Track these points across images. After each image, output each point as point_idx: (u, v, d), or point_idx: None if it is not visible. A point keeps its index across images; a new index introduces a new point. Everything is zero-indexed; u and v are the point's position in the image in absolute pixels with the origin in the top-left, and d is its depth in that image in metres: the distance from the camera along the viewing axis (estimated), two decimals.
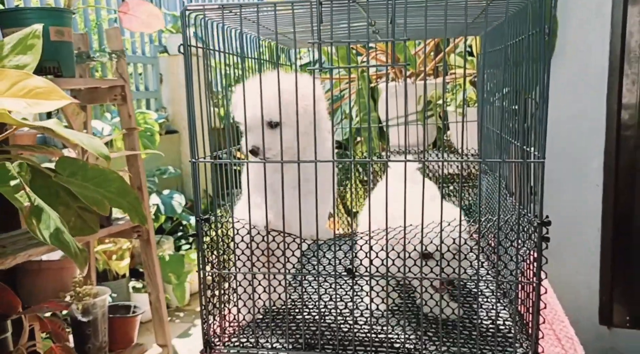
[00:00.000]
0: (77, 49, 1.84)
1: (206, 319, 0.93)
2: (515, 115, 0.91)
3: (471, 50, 2.48)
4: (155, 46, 4.02)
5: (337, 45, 1.39)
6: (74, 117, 1.72)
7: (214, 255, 0.94)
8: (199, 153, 0.93)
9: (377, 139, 2.33)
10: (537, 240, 0.79)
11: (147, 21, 1.82)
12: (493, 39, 1.20)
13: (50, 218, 1.16)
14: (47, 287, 1.79)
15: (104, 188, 1.32)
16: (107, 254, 2.97)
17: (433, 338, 0.93)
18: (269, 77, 0.90)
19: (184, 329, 3.03)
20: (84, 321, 1.71)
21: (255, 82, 0.93)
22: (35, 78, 1.16)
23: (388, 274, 0.87)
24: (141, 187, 1.92)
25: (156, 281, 1.97)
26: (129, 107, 1.87)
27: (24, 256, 1.43)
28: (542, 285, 0.80)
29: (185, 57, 0.88)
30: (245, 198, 0.93)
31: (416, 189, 0.84)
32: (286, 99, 0.89)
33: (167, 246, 3.35)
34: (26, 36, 1.32)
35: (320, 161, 0.87)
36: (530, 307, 0.83)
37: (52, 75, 1.62)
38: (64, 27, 1.61)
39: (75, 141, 1.17)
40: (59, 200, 1.32)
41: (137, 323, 2.01)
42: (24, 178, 1.16)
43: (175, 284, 3.17)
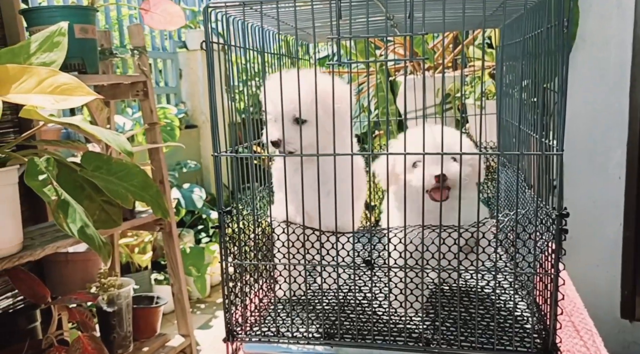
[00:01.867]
0: (100, 46, 1.87)
1: (228, 309, 0.96)
2: (535, 108, 0.91)
3: (490, 42, 2.46)
4: (174, 41, 4.06)
5: (355, 40, 1.40)
6: (97, 113, 1.76)
7: (235, 247, 0.96)
8: (220, 147, 0.95)
9: (396, 132, 2.33)
10: (556, 232, 0.80)
11: (168, 19, 1.85)
12: (512, 31, 1.20)
13: (76, 212, 1.18)
14: (74, 278, 1.84)
15: (127, 182, 1.35)
16: (130, 247, 3.03)
17: (451, 328, 0.94)
18: (303, 73, 0.92)
19: (205, 321, 3.07)
20: (109, 311, 1.76)
21: (289, 75, 0.95)
22: (61, 75, 1.18)
23: (406, 266, 0.88)
24: (163, 181, 1.96)
25: (178, 273, 2.01)
26: (150, 102, 1.90)
27: (52, 248, 1.47)
28: (560, 277, 0.81)
29: (207, 54, 0.90)
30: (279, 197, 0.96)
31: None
32: (317, 98, 0.90)
33: (187, 239, 3.40)
34: (52, 34, 1.35)
35: (339, 154, 0.89)
36: (548, 299, 0.84)
37: (76, 72, 1.65)
38: (88, 25, 1.64)
39: (101, 137, 1.19)
40: (84, 193, 1.35)
41: (160, 313, 2.05)
42: (51, 172, 1.20)
43: (196, 276, 3.22)
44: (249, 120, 0.98)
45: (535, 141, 0.93)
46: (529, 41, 1.03)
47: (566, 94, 0.77)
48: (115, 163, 1.36)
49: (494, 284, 0.86)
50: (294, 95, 0.92)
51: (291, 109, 0.96)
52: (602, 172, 2.15)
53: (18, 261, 1.36)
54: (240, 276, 0.96)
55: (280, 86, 0.91)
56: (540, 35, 0.91)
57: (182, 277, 2.01)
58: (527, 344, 0.87)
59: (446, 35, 2.40)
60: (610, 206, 2.16)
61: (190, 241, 3.43)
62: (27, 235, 1.53)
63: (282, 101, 0.91)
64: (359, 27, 1.12)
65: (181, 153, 3.72)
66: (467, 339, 0.90)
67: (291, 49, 1.29)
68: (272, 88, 0.97)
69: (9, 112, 1.75)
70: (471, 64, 2.40)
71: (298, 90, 0.90)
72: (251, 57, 1.02)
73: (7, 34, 1.77)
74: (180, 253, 2.03)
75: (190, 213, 3.60)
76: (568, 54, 0.78)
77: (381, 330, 0.94)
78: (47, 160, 1.22)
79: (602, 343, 1.00)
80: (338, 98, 0.91)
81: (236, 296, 0.97)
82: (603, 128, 2.11)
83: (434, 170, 0.92)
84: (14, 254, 1.37)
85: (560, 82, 0.77)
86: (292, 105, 0.94)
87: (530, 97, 0.97)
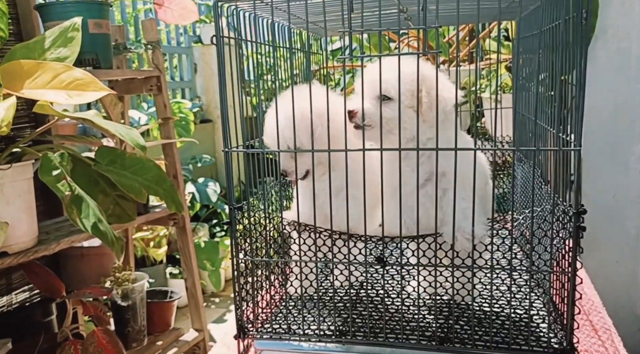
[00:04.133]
0: (114, 41, 1.88)
1: (239, 305, 0.95)
2: (552, 102, 0.89)
3: (507, 34, 2.42)
4: (189, 36, 4.07)
5: (368, 33, 1.37)
6: (111, 107, 1.77)
7: (246, 243, 0.95)
8: (231, 143, 0.94)
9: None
10: (573, 229, 0.78)
11: (181, 13, 1.85)
12: (529, 24, 1.17)
13: (90, 207, 1.19)
14: (88, 272, 1.85)
15: (141, 176, 1.35)
16: (145, 241, 3.05)
17: (465, 327, 0.93)
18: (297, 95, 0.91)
19: (219, 315, 3.09)
20: (124, 305, 1.77)
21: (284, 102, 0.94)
22: (75, 70, 1.19)
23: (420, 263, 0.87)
24: (177, 175, 1.96)
25: (192, 267, 2.01)
26: (164, 97, 1.91)
27: (67, 242, 1.48)
28: (578, 275, 0.79)
29: (217, 48, 0.89)
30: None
31: None
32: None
33: (202, 234, 3.42)
34: (66, 29, 1.36)
35: (350, 150, 0.88)
36: (565, 297, 0.82)
37: (90, 67, 1.66)
38: (102, 20, 1.64)
39: (114, 132, 1.19)
40: (98, 188, 1.35)
41: (174, 307, 2.06)
42: (65, 167, 1.20)
43: (210, 270, 3.23)
44: (260, 115, 0.97)
45: (553, 136, 0.90)
46: (546, 33, 1.00)
47: (584, 88, 0.74)
48: (129, 157, 1.36)
49: (509, 282, 0.84)
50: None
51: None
52: (622, 167, 2.10)
53: (33, 256, 1.37)
54: (251, 272, 0.96)
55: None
56: (557, 28, 0.89)
57: (195, 272, 2.02)
58: (544, 344, 0.86)
59: (462, 28, 2.37)
60: (631, 202, 2.11)
61: (205, 236, 3.45)
62: (42, 229, 1.55)
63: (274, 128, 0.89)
64: (371, 20, 1.11)
65: (196, 147, 3.73)
66: (481, 338, 0.89)
67: (304, 43, 1.28)
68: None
69: (25, 107, 1.77)
70: (487, 57, 2.36)
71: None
72: (265, 51, 1.01)
73: (22, 29, 1.78)
74: (194, 248, 2.04)
75: (205, 208, 3.62)
76: (587, 47, 0.76)
77: (394, 328, 0.93)
78: (61, 155, 1.23)
79: (621, 343, 0.97)
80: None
81: (247, 293, 0.96)
82: (624, 122, 2.06)
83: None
84: (29, 248, 1.38)
85: (578, 76, 0.75)
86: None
87: (547, 90, 0.94)
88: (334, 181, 0.90)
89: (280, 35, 1.11)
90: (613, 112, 2.06)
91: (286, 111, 0.92)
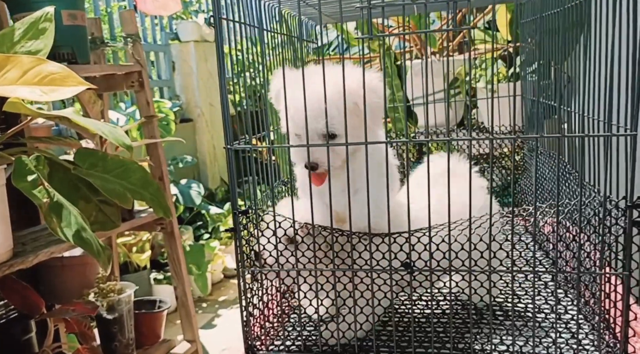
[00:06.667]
0: (91, 34, 1.75)
1: (247, 322, 0.85)
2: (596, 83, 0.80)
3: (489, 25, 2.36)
4: (166, 33, 3.93)
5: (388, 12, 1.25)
6: (90, 106, 1.64)
7: (253, 252, 0.85)
8: (231, 139, 0.84)
9: (403, 120, 2.23)
10: (628, 225, 0.69)
11: (163, 3, 1.73)
12: (546, 3, 1.09)
13: (71, 215, 1.09)
14: (70, 284, 1.72)
15: (125, 180, 1.26)
16: (127, 246, 2.93)
17: (503, 337, 0.84)
18: (321, 71, 0.78)
19: (208, 320, 2.99)
20: (110, 318, 1.65)
21: (309, 74, 0.80)
22: (49, 63, 1.08)
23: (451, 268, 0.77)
24: (162, 177, 1.84)
25: (182, 275, 1.90)
26: (147, 93, 1.78)
27: (46, 254, 1.36)
28: (633, 277, 0.70)
29: (215, 31, 0.78)
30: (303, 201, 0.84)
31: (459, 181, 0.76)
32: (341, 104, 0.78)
33: (186, 237, 3.31)
34: (37, 20, 1.24)
35: (368, 142, 0.78)
36: (616, 302, 0.73)
37: (66, 62, 1.53)
38: (77, 11, 1.52)
39: (95, 130, 1.09)
40: (79, 194, 1.25)
41: (164, 318, 1.94)
42: (41, 172, 1.10)
43: (196, 274, 3.14)
44: (266, 109, 0.87)
45: (588, 120, 0.82)
46: (569, 11, 0.92)
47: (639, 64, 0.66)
48: (112, 160, 1.25)
49: (551, 286, 0.75)
50: (321, 105, 0.78)
51: (319, 124, 0.80)
52: None
53: (8, 270, 1.25)
54: (260, 284, 0.85)
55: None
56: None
57: (186, 279, 1.90)
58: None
59: (451, 17, 2.30)
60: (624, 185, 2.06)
61: (190, 239, 3.34)
62: (18, 240, 1.42)
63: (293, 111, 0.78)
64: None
65: (177, 148, 3.62)
66: (521, 349, 0.79)
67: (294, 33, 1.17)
68: (291, 95, 0.82)
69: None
70: (475, 48, 2.30)
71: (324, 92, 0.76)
72: (266, 38, 0.90)
73: None
74: (183, 254, 1.92)
75: (189, 210, 3.51)
76: None
77: (422, 341, 0.83)
78: (37, 158, 1.12)
79: None
80: (372, 92, 0.77)
81: (255, 307, 0.86)
82: None
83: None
84: (4, 262, 1.26)
85: (633, 50, 0.66)
86: (320, 119, 0.79)
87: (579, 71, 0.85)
88: (352, 175, 0.79)
89: (273, 21, 1.00)
90: None
91: (315, 93, 0.79)
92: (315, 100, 0.79)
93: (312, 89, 0.78)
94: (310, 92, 0.78)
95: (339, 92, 0.78)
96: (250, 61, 0.92)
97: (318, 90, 0.77)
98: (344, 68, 0.76)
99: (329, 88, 0.76)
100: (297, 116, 0.81)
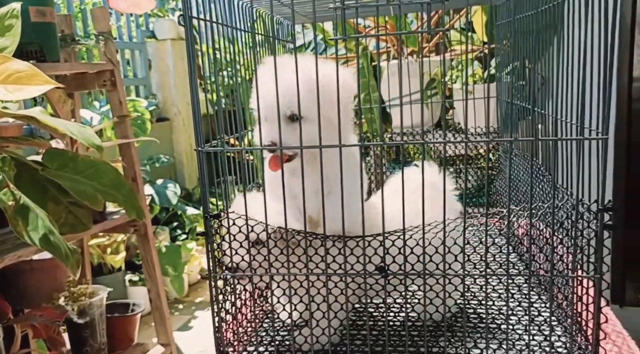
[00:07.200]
0: (61, 32, 1.70)
1: (219, 328, 0.83)
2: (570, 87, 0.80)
3: (469, 26, 2.37)
4: (142, 31, 3.87)
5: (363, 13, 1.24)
6: (60, 105, 1.60)
7: (226, 256, 0.83)
8: (203, 141, 0.82)
9: (378, 120, 2.23)
10: (599, 228, 0.70)
11: (135, 1, 1.69)
12: (521, 5, 1.09)
13: (38, 218, 1.07)
14: (40, 288, 1.68)
15: (96, 181, 1.23)
16: (102, 248, 2.87)
17: (477, 340, 0.83)
18: (298, 60, 0.78)
19: (184, 322, 2.95)
20: (81, 323, 1.61)
21: (281, 63, 0.79)
22: (14, 61, 1.05)
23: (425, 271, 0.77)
24: (136, 178, 1.81)
25: (156, 277, 1.86)
26: (119, 92, 1.75)
27: (13, 257, 1.32)
28: (604, 280, 0.71)
29: (186, 30, 0.76)
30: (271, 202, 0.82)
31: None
32: (312, 89, 0.77)
33: (163, 237, 3.26)
34: (3, 16, 1.20)
35: (339, 145, 0.77)
36: (588, 304, 0.73)
37: (34, 60, 1.49)
38: (46, 7, 1.48)
39: (64, 130, 1.06)
40: (47, 195, 1.22)
41: (137, 321, 1.91)
42: (7, 173, 1.07)
43: (173, 276, 3.10)
44: (221, 111, 0.85)
45: (566, 125, 0.82)
46: (547, 12, 0.92)
47: (612, 69, 0.66)
48: (82, 160, 1.22)
49: (523, 290, 0.75)
50: (289, 86, 0.77)
51: (286, 104, 0.80)
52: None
53: None
54: (233, 290, 0.83)
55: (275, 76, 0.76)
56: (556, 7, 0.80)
57: (160, 282, 1.87)
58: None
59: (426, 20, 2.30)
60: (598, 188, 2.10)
61: (166, 239, 3.29)
62: None
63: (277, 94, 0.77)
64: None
65: (153, 147, 3.57)
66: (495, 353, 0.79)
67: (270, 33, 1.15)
68: (262, 79, 0.82)
69: None
70: (452, 49, 2.31)
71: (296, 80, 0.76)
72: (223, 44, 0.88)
73: None
74: (157, 256, 1.89)
75: (165, 210, 3.46)
76: (614, 21, 0.67)
77: (396, 346, 0.82)
78: (2, 159, 1.09)
79: (636, 346, 0.90)
80: (343, 87, 0.76)
81: (227, 313, 0.84)
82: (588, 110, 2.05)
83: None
84: None
85: (605, 55, 0.66)
86: (287, 99, 0.80)
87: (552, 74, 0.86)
88: (318, 175, 0.78)
89: (244, 19, 0.99)
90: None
91: (284, 75, 0.78)
92: (283, 81, 0.79)
93: (282, 73, 0.79)
94: (279, 75, 0.78)
95: (307, 76, 0.77)
96: (228, 60, 0.90)
97: (288, 74, 0.78)
98: (317, 60, 0.76)
99: (300, 74, 0.76)
100: (266, 98, 0.81)
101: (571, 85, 0.78)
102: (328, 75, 0.79)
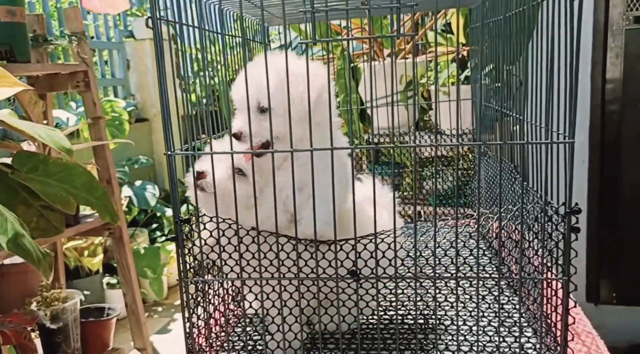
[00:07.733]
0: (32, 32, 1.67)
1: (190, 333, 0.82)
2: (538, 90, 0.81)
3: (449, 28, 2.39)
4: (120, 31, 3.82)
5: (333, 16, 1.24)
6: (31, 107, 1.57)
7: (196, 261, 0.82)
8: (174, 145, 0.81)
9: (358, 121, 2.23)
10: (567, 230, 0.70)
11: (110, 2, 1.67)
12: (494, 6, 1.10)
13: (7, 221, 1.04)
14: (11, 293, 1.65)
15: (68, 184, 1.21)
16: (78, 250, 2.83)
17: (449, 342, 0.84)
18: (272, 57, 0.79)
19: (163, 325, 2.93)
20: (53, 328, 1.58)
21: (257, 59, 0.83)
22: None
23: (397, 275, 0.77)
24: (111, 181, 1.78)
25: (131, 281, 1.84)
26: (93, 94, 1.72)
27: None
28: (572, 282, 0.72)
29: (154, 32, 0.75)
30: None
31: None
32: (280, 82, 0.77)
33: (141, 239, 3.22)
34: None
35: (317, 149, 0.76)
36: (556, 307, 0.74)
37: (4, 61, 1.46)
38: (16, 7, 1.45)
39: (32, 134, 1.04)
40: (18, 198, 1.20)
41: (112, 326, 1.89)
42: None
43: (152, 278, 3.06)
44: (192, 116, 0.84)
45: (534, 128, 0.83)
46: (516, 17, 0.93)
47: (577, 74, 0.67)
48: (53, 163, 1.20)
49: (494, 292, 0.76)
50: (260, 79, 0.78)
51: (254, 95, 0.81)
52: None
53: None
54: (203, 294, 0.82)
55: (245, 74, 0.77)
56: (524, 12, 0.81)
57: (135, 286, 1.84)
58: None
59: (407, 19, 2.32)
60: (575, 191, 2.14)
61: (145, 241, 3.25)
62: None
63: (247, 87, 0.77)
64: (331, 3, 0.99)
65: (132, 148, 3.52)
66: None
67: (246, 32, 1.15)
68: (239, 75, 0.84)
69: None
70: (430, 50, 2.33)
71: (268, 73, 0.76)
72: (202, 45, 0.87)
73: None
74: (133, 259, 1.86)
75: (144, 212, 3.42)
76: (579, 27, 0.68)
77: (369, 349, 0.82)
78: None
79: (604, 345, 0.92)
80: (304, 80, 0.76)
81: (198, 318, 0.83)
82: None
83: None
84: None
85: (571, 59, 0.67)
86: (256, 90, 0.80)
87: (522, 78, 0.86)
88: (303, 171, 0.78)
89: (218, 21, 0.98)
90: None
91: (256, 70, 0.81)
92: (255, 74, 0.80)
93: (254, 67, 0.81)
94: (251, 68, 0.80)
95: (277, 69, 0.79)
96: (208, 61, 0.89)
97: (260, 68, 0.79)
98: (287, 56, 0.76)
99: (270, 68, 0.77)
100: (238, 91, 0.83)
101: (540, 89, 0.79)
102: (297, 69, 0.80)
